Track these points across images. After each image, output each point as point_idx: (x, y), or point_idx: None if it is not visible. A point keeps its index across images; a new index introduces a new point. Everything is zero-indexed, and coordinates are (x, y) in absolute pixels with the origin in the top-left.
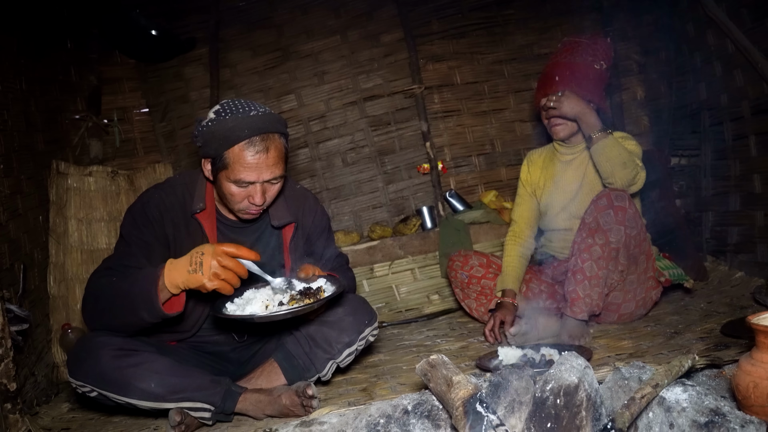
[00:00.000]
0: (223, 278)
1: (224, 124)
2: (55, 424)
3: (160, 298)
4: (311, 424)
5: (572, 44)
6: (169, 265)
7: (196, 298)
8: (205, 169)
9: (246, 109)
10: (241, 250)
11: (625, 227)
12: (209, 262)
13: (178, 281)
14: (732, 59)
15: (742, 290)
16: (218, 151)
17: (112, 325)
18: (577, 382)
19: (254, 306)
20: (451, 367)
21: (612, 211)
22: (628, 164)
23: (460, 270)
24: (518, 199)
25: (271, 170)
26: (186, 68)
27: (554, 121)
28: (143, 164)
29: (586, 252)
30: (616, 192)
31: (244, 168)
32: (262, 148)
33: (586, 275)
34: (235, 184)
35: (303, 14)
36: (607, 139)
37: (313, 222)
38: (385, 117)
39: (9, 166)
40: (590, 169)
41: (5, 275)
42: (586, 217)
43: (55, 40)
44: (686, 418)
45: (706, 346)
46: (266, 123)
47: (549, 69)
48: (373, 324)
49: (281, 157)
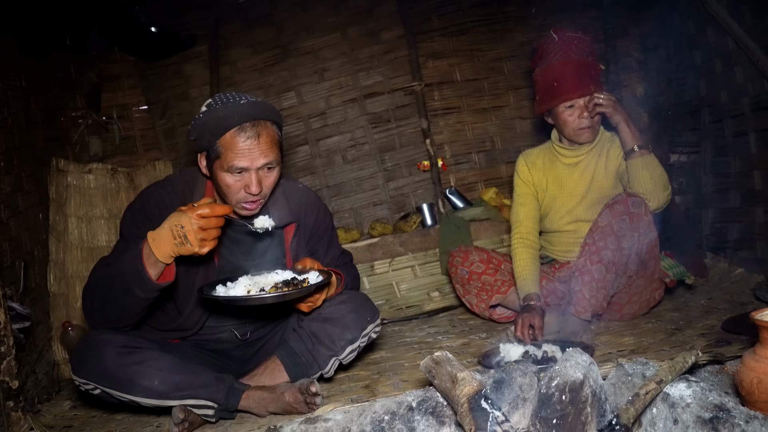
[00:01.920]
0: (209, 239)
1: (215, 113)
2: (57, 422)
3: (152, 272)
4: (316, 421)
5: (577, 40)
6: (151, 241)
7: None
8: (201, 164)
9: (236, 99)
10: (213, 208)
11: (639, 234)
12: (192, 231)
13: (170, 252)
14: (732, 56)
15: (742, 287)
16: (211, 142)
17: (110, 315)
18: (583, 379)
19: (237, 291)
20: (456, 363)
21: (628, 218)
22: (666, 186)
23: (460, 266)
24: (520, 199)
25: (264, 155)
26: (186, 65)
27: (586, 123)
28: (143, 162)
29: (597, 255)
30: (633, 198)
31: (236, 154)
32: (253, 133)
33: (594, 277)
34: (230, 173)
35: (303, 11)
36: (651, 156)
37: (316, 221)
38: (385, 114)
39: (9, 164)
40: (599, 173)
41: (6, 273)
42: (600, 221)
43: (54, 38)
44: (690, 414)
45: (708, 343)
46: (256, 110)
47: (567, 66)
48: (376, 321)
49: (274, 142)
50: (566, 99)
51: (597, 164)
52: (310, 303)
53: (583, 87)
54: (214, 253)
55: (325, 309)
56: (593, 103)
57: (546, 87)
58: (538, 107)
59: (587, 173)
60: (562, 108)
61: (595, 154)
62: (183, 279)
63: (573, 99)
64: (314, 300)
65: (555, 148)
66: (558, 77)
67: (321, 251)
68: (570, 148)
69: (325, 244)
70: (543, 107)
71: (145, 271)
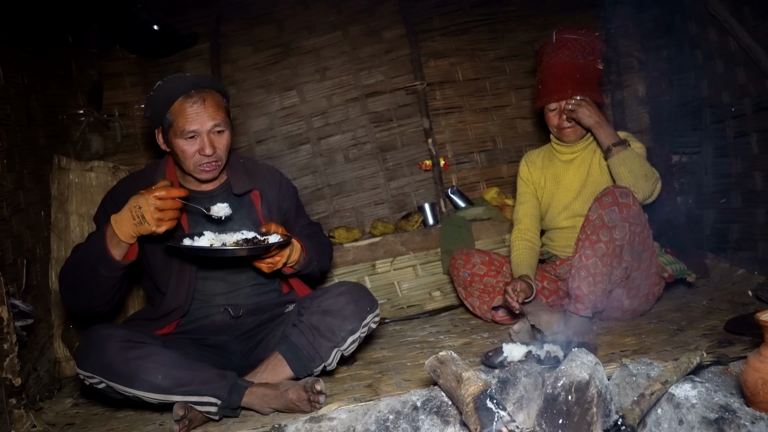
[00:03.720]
0: (165, 219)
1: (164, 87)
2: (59, 420)
3: (115, 252)
4: (320, 419)
5: (571, 42)
6: (113, 222)
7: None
8: (159, 140)
9: (182, 75)
10: (169, 191)
11: (630, 224)
12: (149, 211)
13: (130, 232)
14: (734, 57)
15: (744, 287)
16: (162, 113)
17: (80, 295)
18: (588, 379)
19: (201, 243)
20: (461, 363)
21: (617, 207)
22: (649, 176)
23: (462, 268)
24: (520, 197)
25: (211, 118)
26: (187, 63)
27: (566, 124)
28: (145, 159)
29: (590, 249)
30: (620, 189)
31: (185, 119)
32: (198, 98)
33: (591, 272)
34: (183, 139)
35: (304, 10)
36: (627, 150)
37: (280, 192)
38: (386, 113)
39: (12, 161)
40: (594, 168)
41: (8, 270)
42: (590, 215)
43: (55, 35)
44: (696, 415)
45: (710, 343)
46: (199, 80)
47: (555, 68)
48: (375, 311)
49: (220, 107)
50: (546, 102)
51: (592, 160)
52: (270, 263)
53: (561, 90)
54: (185, 226)
55: (324, 301)
56: (565, 109)
57: (537, 87)
58: (534, 106)
59: (582, 169)
60: (547, 109)
61: (591, 151)
62: (159, 262)
63: (551, 102)
64: (274, 261)
65: (552, 146)
66: (544, 79)
67: (291, 220)
68: (565, 144)
69: (293, 214)
70: (536, 106)
71: (107, 251)
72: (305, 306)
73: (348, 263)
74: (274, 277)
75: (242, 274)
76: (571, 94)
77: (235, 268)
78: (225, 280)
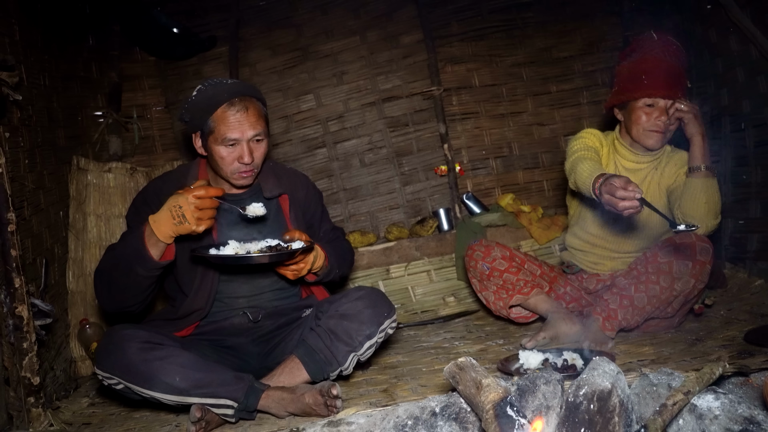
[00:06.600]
0: (205, 218)
1: (205, 94)
2: (76, 419)
3: (153, 252)
4: (339, 424)
5: (675, 46)
6: (152, 222)
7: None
8: (196, 144)
9: (222, 81)
10: (208, 190)
11: (696, 281)
12: (189, 210)
13: (170, 232)
14: (756, 65)
15: (763, 298)
16: (203, 119)
17: (116, 294)
18: (611, 388)
19: (227, 251)
20: (480, 369)
21: (692, 263)
22: (718, 215)
23: (480, 260)
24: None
25: (252, 127)
26: (206, 66)
27: (661, 126)
28: (162, 161)
29: (644, 285)
30: (702, 244)
31: (228, 127)
32: (241, 107)
33: (634, 304)
34: (223, 146)
35: (323, 14)
36: (714, 180)
37: (306, 196)
38: (403, 118)
39: (33, 161)
40: (653, 187)
41: (29, 270)
42: (660, 254)
43: (77, 37)
44: (719, 426)
45: (730, 354)
46: (242, 87)
47: (662, 64)
48: (392, 316)
49: (260, 116)
50: (651, 94)
51: (653, 178)
52: (295, 270)
53: (671, 89)
54: (213, 231)
55: (342, 306)
56: (675, 108)
57: (631, 78)
58: (614, 98)
59: (642, 185)
60: (641, 104)
61: (653, 167)
62: (185, 263)
63: (657, 97)
64: (299, 268)
65: (616, 145)
66: (648, 71)
67: (316, 224)
68: (632, 150)
69: (318, 218)
70: (620, 98)
71: (146, 250)
72: (323, 310)
73: (362, 267)
74: (298, 284)
75: (266, 279)
76: (671, 94)
77: (259, 273)
78: (249, 283)
